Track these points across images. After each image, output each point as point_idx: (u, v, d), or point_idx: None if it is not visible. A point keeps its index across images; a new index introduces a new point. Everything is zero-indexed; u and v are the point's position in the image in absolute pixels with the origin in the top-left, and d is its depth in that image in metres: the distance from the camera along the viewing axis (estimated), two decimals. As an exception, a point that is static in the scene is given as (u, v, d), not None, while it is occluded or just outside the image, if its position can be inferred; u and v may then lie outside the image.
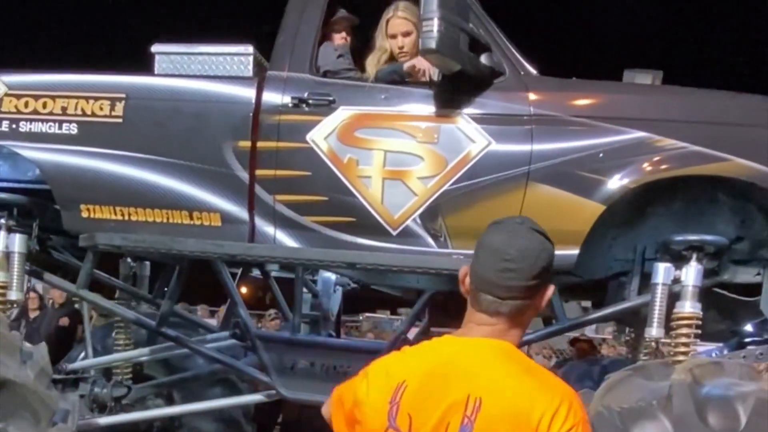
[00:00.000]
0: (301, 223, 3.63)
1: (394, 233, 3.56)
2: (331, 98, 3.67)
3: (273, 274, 4.79)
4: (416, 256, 3.51)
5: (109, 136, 3.78)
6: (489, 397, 1.48)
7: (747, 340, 4.28)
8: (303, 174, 3.64)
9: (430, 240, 3.53)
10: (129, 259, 4.76)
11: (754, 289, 3.69)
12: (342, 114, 3.65)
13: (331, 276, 4.57)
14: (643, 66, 3.92)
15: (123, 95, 3.80)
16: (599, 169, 3.44)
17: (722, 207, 3.71)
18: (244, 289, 7.81)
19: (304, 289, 4.58)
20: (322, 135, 3.63)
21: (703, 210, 3.73)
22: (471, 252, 1.64)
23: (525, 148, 3.50)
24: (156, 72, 3.93)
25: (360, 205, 3.58)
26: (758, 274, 3.70)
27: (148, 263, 5.00)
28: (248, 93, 3.75)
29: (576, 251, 3.45)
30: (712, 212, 3.72)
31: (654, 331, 3.43)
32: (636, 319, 3.96)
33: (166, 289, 4.65)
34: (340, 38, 3.99)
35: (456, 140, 3.54)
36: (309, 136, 3.64)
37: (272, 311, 7.62)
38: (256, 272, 4.88)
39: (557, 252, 3.57)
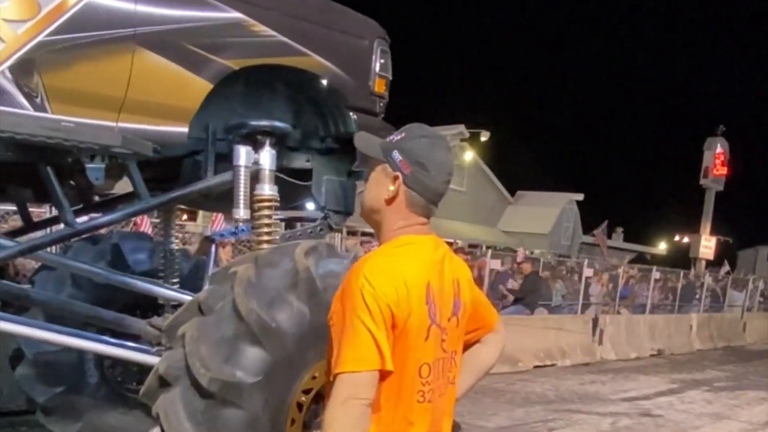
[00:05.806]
0: None
1: None
2: None
3: None
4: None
5: None
6: (459, 275, 1.86)
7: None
8: None
9: (22, 100, 2.77)
10: None
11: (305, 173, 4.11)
12: None
13: None
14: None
15: None
16: (205, 45, 3.27)
17: (279, 96, 3.98)
18: None
19: None
20: None
21: (261, 97, 3.92)
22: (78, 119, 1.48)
23: (129, 6, 3.05)
24: None
25: None
26: (308, 160, 4.13)
27: None
28: None
29: (186, 129, 3.26)
30: (270, 100, 3.95)
31: (241, 211, 3.54)
32: (204, 200, 3.94)
33: None
34: None
35: None
36: None
37: None
38: None
39: (169, 128, 3.34)
